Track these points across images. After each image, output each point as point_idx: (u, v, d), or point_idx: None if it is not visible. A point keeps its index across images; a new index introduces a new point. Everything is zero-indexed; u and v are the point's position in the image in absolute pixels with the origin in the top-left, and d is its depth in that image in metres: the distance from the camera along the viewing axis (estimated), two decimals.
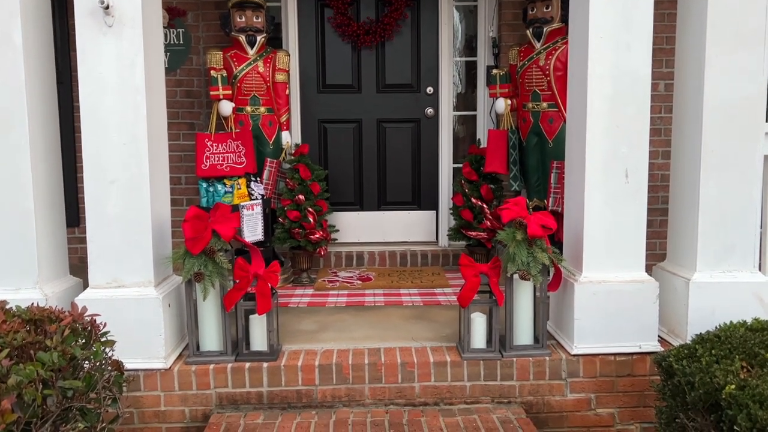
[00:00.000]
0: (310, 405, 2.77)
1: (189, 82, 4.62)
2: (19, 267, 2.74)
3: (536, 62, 4.02)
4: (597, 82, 2.75)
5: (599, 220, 2.80)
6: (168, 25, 4.48)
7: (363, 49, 4.77)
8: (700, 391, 2.05)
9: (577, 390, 2.81)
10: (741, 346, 2.16)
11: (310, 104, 4.80)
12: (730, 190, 2.81)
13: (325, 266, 4.64)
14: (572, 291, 2.81)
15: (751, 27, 2.74)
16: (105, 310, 2.41)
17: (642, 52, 2.75)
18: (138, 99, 2.67)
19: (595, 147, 2.78)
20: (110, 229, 2.71)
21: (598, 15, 2.72)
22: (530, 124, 4.11)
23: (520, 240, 2.72)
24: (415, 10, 4.76)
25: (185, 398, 2.74)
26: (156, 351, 2.72)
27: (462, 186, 4.39)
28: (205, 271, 2.70)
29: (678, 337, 2.87)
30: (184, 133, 4.63)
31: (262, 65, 4.17)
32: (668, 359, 2.31)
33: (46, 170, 2.83)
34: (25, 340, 1.85)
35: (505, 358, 2.80)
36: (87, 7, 2.61)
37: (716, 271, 2.84)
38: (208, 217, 2.73)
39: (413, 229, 4.92)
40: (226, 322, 2.81)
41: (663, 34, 4.38)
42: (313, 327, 3.26)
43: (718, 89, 2.76)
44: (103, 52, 2.64)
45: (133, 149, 2.69)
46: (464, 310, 2.82)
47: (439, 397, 2.79)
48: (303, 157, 4.25)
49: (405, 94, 4.83)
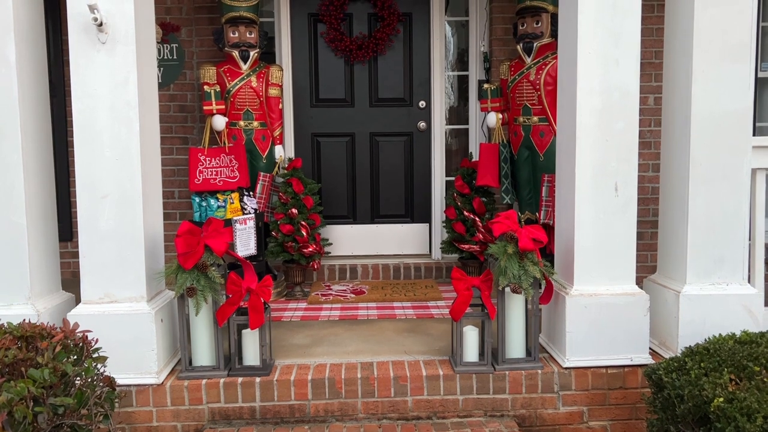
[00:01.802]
0: (302, 420, 2.77)
1: (182, 97, 4.64)
2: (10, 282, 2.73)
3: (527, 77, 4.06)
4: (586, 97, 2.79)
5: (590, 233, 2.82)
6: (162, 40, 4.51)
7: (356, 63, 4.80)
8: (690, 404, 2.07)
9: (569, 403, 2.82)
10: (730, 358, 2.18)
11: (304, 118, 4.83)
12: (718, 202, 2.83)
13: (319, 280, 4.64)
14: (564, 304, 2.83)
15: (737, 41, 2.78)
16: (97, 325, 2.41)
17: (630, 67, 2.79)
18: (131, 114, 2.68)
19: (584, 161, 2.81)
20: (103, 244, 2.71)
21: (586, 31, 2.76)
22: (521, 138, 4.14)
23: (511, 253, 2.74)
24: (408, 25, 4.81)
25: (177, 414, 2.73)
26: (148, 366, 2.71)
27: (454, 199, 4.41)
28: (197, 286, 2.70)
29: (669, 350, 2.89)
30: (177, 148, 4.64)
31: (256, 80, 4.20)
32: (658, 372, 2.32)
33: (38, 185, 2.83)
34: (17, 357, 1.85)
35: (498, 372, 2.81)
36: (81, 23, 2.63)
37: (706, 284, 2.86)
38: (201, 232, 2.73)
39: (406, 242, 4.93)
40: (219, 337, 2.81)
41: (652, 48, 4.44)
42: (306, 341, 3.26)
43: (705, 103, 2.80)
44: (96, 68, 2.66)
45: (126, 164, 2.70)
46: (456, 324, 2.83)
47: (432, 411, 2.79)
48: (296, 171, 4.26)
49: (397, 108, 4.86)
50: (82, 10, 2.59)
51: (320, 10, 4.70)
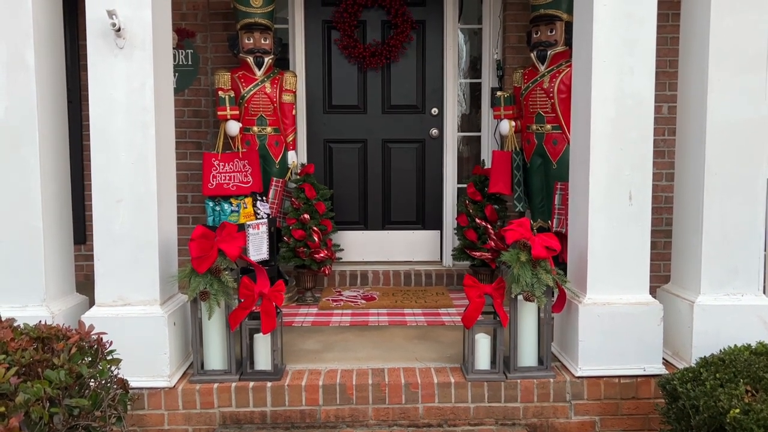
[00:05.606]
0: (313, 425, 2.76)
1: (197, 102, 4.68)
2: (26, 284, 2.76)
3: (540, 85, 4.05)
4: (600, 105, 2.78)
5: (603, 242, 2.81)
6: (177, 46, 4.54)
7: (369, 70, 4.82)
8: (705, 415, 2.05)
9: (581, 412, 2.80)
10: (745, 369, 2.16)
11: (316, 124, 4.84)
12: (733, 212, 2.82)
13: (330, 285, 4.65)
14: (576, 313, 2.82)
15: (753, 50, 2.77)
16: (110, 327, 2.42)
17: (645, 76, 2.78)
18: (147, 119, 2.71)
19: (598, 169, 2.80)
20: (117, 247, 2.74)
21: (601, 39, 2.76)
22: (534, 146, 4.13)
23: (524, 261, 2.73)
24: (421, 32, 4.82)
25: (189, 417, 2.74)
26: (160, 369, 2.73)
27: (466, 206, 4.41)
28: (210, 290, 2.72)
29: (683, 360, 2.86)
30: (191, 152, 4.67)
31: (270, 86, 4.22)
32: (672, 382, 2.31)
33: (55, 189, 2.86)
34: (33, 358, 1.86)
35: (510, 380, 2.80)
36: (99, 29, 2.66)
37: (720, 294, 2.84)
38: (215, 236, 2.75)
39: (417, 248, 4.93)
40: (231, 341, 2.82)
41: (666, 57, 4.42)
42: (317, 346, 3.27)
43: (721, 112, 2.79)
44: (113, 73, 2.69)
45: (141, 169, 2.72)
46: (468, 331, 2.82)
47: (442, 419, 2.78)
48: (309, 176, 4.28)
49: (410, 115, 4.87)
50: (100, 16, 2.62)
51: (334, 17, 4.72)
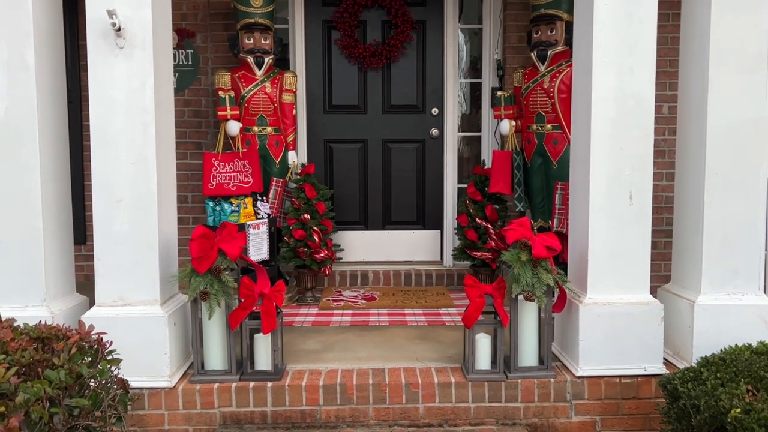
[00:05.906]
0: (313, 425, 2.76)
1: (197, 102, 4.67)
2: (26, 285, 2.76)
3: (540, 84, 4.05)
4: (601, 105, 2.78)
5: (603, 241, 2.81)
6: (177, 46, 4.54)
7: (369, 70, 4.82)
8: (706, 415, 2.05)
9: (582, 412, 2.80)
10: (746, 369, 2.16)
11: (317, 124, 4.84)
12: (734, 212, 2.81)
13: (330, 285, 4.64)
14: (577, 312, 2.82)
15: (754, 50, 2.77)
16: (110, 328, 2.41)
17: (645, 76, 2.78)
18: (147, 119, 2.70)
19: (599, 169, 2.80)
20: (117, 247, 2.73)
21: (602, 39, 2.76)
22: (534, 146, 4.13)
23: (524, 261, 2.73)
24: (421, 32, 4.82)
25: (189, 417, 2.74)
26: (161, 369, 2.72)
27: (466, 206, 4.40)
28: (210, 290, 2.71)
29: (683, 360, 2.86)
30: (191, 153, 4.67)
31: (270, 86, 4.22)
32: (673, 382, 2.30)
33: (55, 189, 2.86)
34: (33, 358, 1.86)
35: (510, 380, 2.79)
36: (99, 29, 2.66)
37: (721, 294, 2.84)
38: (215, 236, 2.74)
39: (418, 248, 4.93)
40: (231, 341, 2.82)
41: (666, 57, 4.41)
42: (317, 346, 3.26)
43: (721, 111, 2.79)
44: (113, 73, 2.69)
45: (141, 169, 2.72)
46: (469, 331, 2.82)
47: (443, 419, 2.78)
48: (309, 176, 4.28)
49: (410, 115, 4.87)
50: (100, 16, 2.62)
51: (334, 17, 4.72)
